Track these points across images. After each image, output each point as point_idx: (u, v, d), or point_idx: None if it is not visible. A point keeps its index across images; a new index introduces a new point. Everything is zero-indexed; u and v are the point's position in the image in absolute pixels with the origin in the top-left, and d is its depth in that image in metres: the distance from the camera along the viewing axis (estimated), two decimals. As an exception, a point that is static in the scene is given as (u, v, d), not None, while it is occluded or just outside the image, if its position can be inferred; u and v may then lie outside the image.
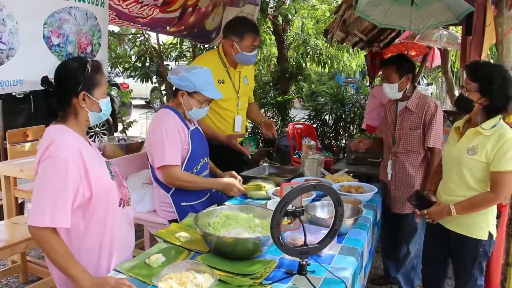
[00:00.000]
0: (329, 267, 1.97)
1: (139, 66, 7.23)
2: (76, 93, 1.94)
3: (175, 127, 2.76)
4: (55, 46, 2.87)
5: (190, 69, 2.76)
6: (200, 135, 3.00)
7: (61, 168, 1.83)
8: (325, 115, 8.52)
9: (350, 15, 5.13)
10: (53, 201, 1.81)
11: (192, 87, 2.75)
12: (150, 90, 15.29)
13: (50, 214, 1.80)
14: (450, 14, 3.95)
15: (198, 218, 2.18)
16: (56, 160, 1.84)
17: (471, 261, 2.66)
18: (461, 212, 2.55)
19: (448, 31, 7.53)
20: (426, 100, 3.25)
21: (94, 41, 3.17)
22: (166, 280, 1.70)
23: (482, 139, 2.50)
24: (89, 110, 1.99)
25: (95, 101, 1.99)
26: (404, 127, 3.29)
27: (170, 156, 2.72)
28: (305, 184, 1.79)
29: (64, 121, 1.98)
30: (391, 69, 3.22)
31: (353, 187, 3.03)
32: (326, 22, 10.38)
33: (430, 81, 17.42)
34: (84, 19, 3.04)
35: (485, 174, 2.51)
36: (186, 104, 2.81)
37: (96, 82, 1.99)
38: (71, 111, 1.98)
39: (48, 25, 2.79)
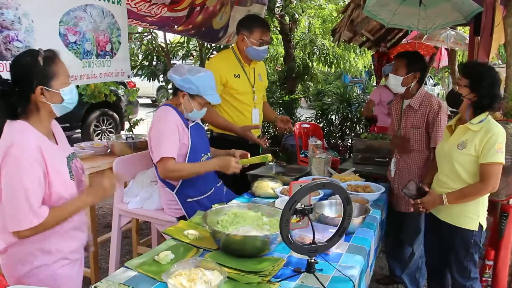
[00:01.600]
0: (337, 266, 1.98)
1: (146, 64, 7.25)
2: (33, 89, 1.87)
3: (173, 123, 2.77)
4: (72, 44, 2.90)
5: (194, 72, 2.75)
6: (200, 131, 3.00)
7: (27, 173, 1.82)
8: (331, 115, 8.52)
9: (358, 14, 5.14)
10: (29, 202, 1.82)
11: (196, 90, 2.75)
12: (157, 89, 15.32)
13: (32, 214, 1.82)
14: (458, 14, 3.95)
15: (207, 216, 2.19)
16: (20, 166, 1.81)
17: (463, 253, 2.74)
18: (452, 201, 2.66)
19: (455, 31, 7.52)
20: (430, 99, 3.23)
21: (113, 39, 3.20)
22: (175, 277, 1.71)
23: (471, 134, 2.63)
24: (51, 103, 1.92)
25: (56, 92, 1.91)
26: (407, 126, 3.30)
27: (165, 148, 2.71)
28: (314, 183, 1.80)
29: (26, 118, 1.92)
30: (401, 62, 3.23)
31: (360, 187, 3.03)
32: (333, 21, 10.39)
33: (436, 81, 17.37)
34: (100, 16, 3.06)
35: (475, 167, 2.63)
36: (187, 105, 2.81)
37: (51, 74, 1.90)
38: (32, 107, 1.92)
39: (64, 23, 2.82)
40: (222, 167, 2.81)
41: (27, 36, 2.59)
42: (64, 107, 1.97)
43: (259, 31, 3.39)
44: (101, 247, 4.09)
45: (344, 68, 12.51)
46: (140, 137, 4.27)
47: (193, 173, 2.82)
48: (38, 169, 1.85)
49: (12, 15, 2.51)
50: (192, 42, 7.55)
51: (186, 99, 2.80)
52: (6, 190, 1.83)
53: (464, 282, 2.79)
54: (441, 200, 2.68)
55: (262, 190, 2.97)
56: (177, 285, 1.67)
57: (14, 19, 2.52)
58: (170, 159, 2.73)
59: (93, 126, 8.65)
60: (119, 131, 8.92)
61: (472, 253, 2.73)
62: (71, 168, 2.03)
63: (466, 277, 2.78)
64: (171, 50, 7.12)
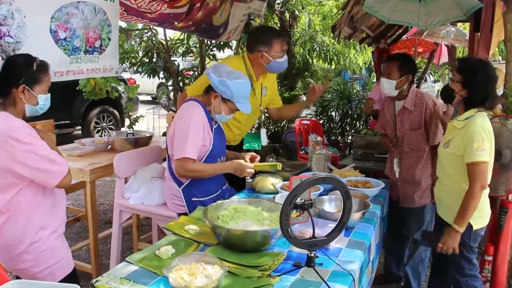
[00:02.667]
0: (336, 260, 1.99)
1: (146, 61, 7.24)
2: (17, 85, 2.12)
3: (201, 123, 2.74)
4: (62, 40, 2.90)
5: (233, 76, 2.71)
6: (222, 134, 2.99)
7: (34, 138, 2.11)
8: (331, 112, 8.51)
9: (358, 11, 5.14)
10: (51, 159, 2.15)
11: (229, 95, 2.71)
12: (157, 86, 15.30)
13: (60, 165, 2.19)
14: (458, 11, 3.95)
15: (207, 211, 2.20)
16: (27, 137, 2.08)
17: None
18: (462, 222, 2.60)
19: (456, 27, 7.51)
20: (423, 98, 3.23)
21: (103, 35, 3.20)
22: (176, 271, 1.73)
23: (456, 132, 2.66)
24: (27, 103, 2.16)
25: (34, 96, 2.17)
26: (405, 127, 3.29)
27: (189, 149, 2.68)
28: (315, 177, 1.81)
29: (4, 108, 2.13)
30: (394, 66, 3.19)
31: (360, 182, 3.04)
32: (333, 18, 10.38)
33: (437, 78, 17.36)
34: (92, 13, 3.06)
35: (460, 165, 2.62)
36: (217, 107, 2.78)
37: (38, 80, 2.17)
38: (10, 100, 2.14)
39: (56, 19, 2.82)
40: (237, 170, 2.82)
41: (18, 32, 2.59)
42: (35, 110, 2.22)
43: (278, 43, 3.21)
44: (102, 243, 4.10)
45: (344, 64, 12.50)
46: (141, 134, 4.28)
47: (208, 175, 2.82)
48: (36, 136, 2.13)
49: (5, 10, 2.51)
50: (192, 38, 7.53)
51: (217, 101, 2.76)
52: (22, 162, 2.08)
53: (459, 277, 2.82)
54: (455, 230, 2.61)
55: (262, 186, 2.98)
56: (178, 279, 1.68)
57: (7, 14, 2.52)
58: (191, 160, 2.71)
59: (93, 123, 8.65)
60: (120, 128, 8.93)
61: (463, 251, 2.71)
62: None
63: (460, 274, 2.80)
64: (171, 47, 7.12)
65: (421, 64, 10.79)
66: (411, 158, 3.31)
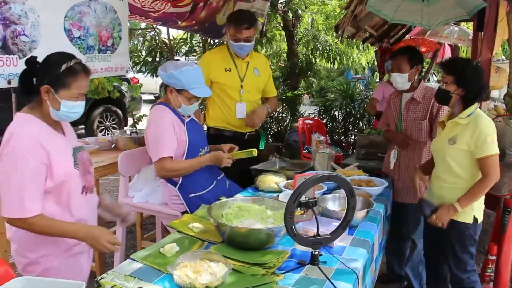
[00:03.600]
0: (340, 258, 1.99)
1: (149, 61, 7.27)
2: (42, 84, 1.98)
3: (169, 122, 2.81)
4: (76, 39, 2.93)
5: (178, 67, 2.78)
6: (197, 126, 3.05)
7: (22, 163, 1.90)
8: (334, 111, 8.51)
9: (361, 10, 5.14)
10: (20, 194, 1.90)
11: (180, 84, 2.77)
12: (160, 85, 15.28)
13: (18, 206, 1.90)
14: (462, 10, 3.95)
15: (211, 209, 2.21)
16: (16, 156, 1.90)
17: (458, 246, 2.77)
18: (465, 205, 2.65)
19: (459, 27, 7.49)
20: (433, 91, 3.26)
21: (114, 34, 3.22)
22: (181, 268, 1.74)
23: (461, 129, 2.68)
24: (50, 105, 2.00)
25: (57, 100, 1.98)
26: (410, 118, 3.34)
27: (162, 149, 2.78)
28: (319, 175, 1.82)
29: (31, 107, 2.04)
30: (403, 59, 3.26)
31: (364, 181, 3.05)
32: (336, 17, 10.37)
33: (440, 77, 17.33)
34: (103, 12, 3.08)
35: (468, 160, 2.67)
36: (175, 101, 2.83)
37: (64, 83, 1.98)
38: (39, 98, 2.02)
39: (69, 18, 2.85)
40: (215, 162, 2.94)
41: (33, 31, 2.61)
42: (58, 115, 2.03)
43: (232, 27, 3.38)
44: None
45: (347, 64, 12.49)
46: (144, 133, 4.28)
47: (189, 170, 2.88)
48: (34, 160, 1.93)
49: (19, 9, 2.54)
50: (195, 38, 7.55)
51: (173, 95, 2.82)
52: (3, 178, 1.93)
53: (460, 274, 2.81)
54: (454, 208, 2.65)
55: (266, 184, 2.99)
56: (183, 276, 1.69)
57: (21, 13, 2.55)
58: (168, 158, 2.79)
59: (96, 122, 8.68)
60: (123, 127, 8.95)
61: (467, 245, 2.76)
62: (77, 158, 2.12)
63: (462, 270, 2.81)
64: (174, 46, 7.14)
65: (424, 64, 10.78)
66: (411, 150, 3.35)
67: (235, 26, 3.37)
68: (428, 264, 3.21)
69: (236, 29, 3.36)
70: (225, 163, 2.94)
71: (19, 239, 2.06)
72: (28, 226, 1.94)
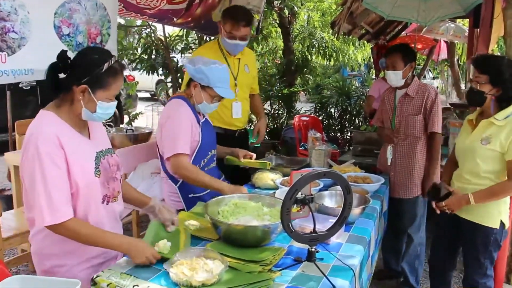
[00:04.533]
0: (337, 255, 1.99)
1: (145, 58, 7.22)
2: (79, 83, 1.85)
3: (187, 119, 2.75)
4: (65, 36, 2.90)
5: (208, 63, 2.74)
6: (210, 127, 3.00)
7: (46, 165, 1.80)
8: (330, 108, 8.52)
9: (357, 7, 5.14)
10: (49, 199, 1.79)
11: (206, 81, 2.72)
12: (156, 83, 15.28)
13: (50, 212, 1.80)
14: (458, 7, 3.96)
15: (208, 207, 2.20)
16: (40, 156, 1.79)
17: (482, 250, 2.68)
18: (479, 201, 2.58)
19: (455, 24, 7.51)
20: (426, 86, 3.36)
21: (103, 31, 3.20)
22: (177, 266, 1.73)
23: (496, 129, 2.57)
24: (84, 106, 1.88)
25: (94, 101, 1.87)
26: (404, 114, 3.36)
27: (181, 145, 2.70)
28: (315, 172, 1.82)
29: (57, 106, 1.92)
30: (397, 57, 3.29)
31: (360, 178, 3.05)
32: (332, 14, 10.37)
33: (436, 74, 17.36)
34: (94, 9, 3.06)
35: (498, 163, 2.57)
36: (197, 96, 2.79)
37: (104, 84, 1.88)
38: (68, 97, 1.90)
39: (59, 15, 2.82)
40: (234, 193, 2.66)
41: (22, 28, 2.59)
42: (91, 117, 1.93)
43: (229, 24, 3.29)
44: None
45: (343, 61, 12.49)
46: (140, 130, 4.28)
47: (199, 184, 2.76)
48: (59, 160, 1.83)
49: (8, 6, 2.51)
50: (191, 35, 7.52)
51: (197, 90, 2.77)
52: (30, 185, 1.83)
53: (478, 279, 2.73)
54: (467, 200, 2.59)
55: (262, 182, 2.99)
56: (179, 274, 1.68)
57: (10, 10, 2.52)
58: (185, 155, 2.72)
59: (92, 119, 8.62)
60: (119, 125, 8.92)
61: (491, 250, 2.69)
62: (99, 164, 1.98)
63: (481, 274, 2.73)
64: (170, 44, 7.10)
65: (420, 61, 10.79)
66: (406, 145, 3.37)
67: (233, 22, 3.29)
68: (433, 270, 3.12)
69: (233, 25, 3.28)
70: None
71: (36, 244, 1.97)
72: (69, 233, 1.84)
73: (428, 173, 3.33)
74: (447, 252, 2.95)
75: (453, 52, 8.64)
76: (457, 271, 3.54)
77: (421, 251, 3.51)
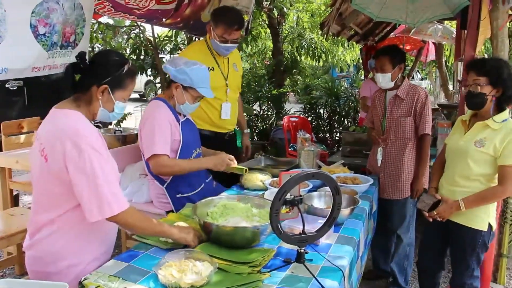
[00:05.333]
0: (326, 256, 1.99)
1: (133, 58, 7.20)
2: (99, 83, 1.91)
3: (165, 119, 2.75)
4: (41, 36, 2.86)
5: (189, 64, 2.74)
6: (191, 126, 2.99)
7: (102, 158, 1.85)
8: (319, 109, 8.54)
9: (346, 8, 5.16)
10: (111, 189, 1.84)
11: (189, 82, 2.73)
12: (145, 83, 15.24)
13: (116, 201, 1.84)
14: (446, 8, 3.99)
15: (196, 208, 2.19)
16: (95, 151, 1.83)
17: (469, 251, 2.70)
18: (469, 206, 2.60)
19: (443, 25, 7.57)
20: (416, 88, 3.35)
21: (77, 30, 3.17)
22: (166, 268, 1.72)
23: (491, 133, 2.57)
24: (102, 106, 1.95)
25: (112, 101, 1.96)
26: (394, 115, 3.36)
27: (159, 146, 2.69)
28: (304, 173, 1.81)
29: (78, 105, 1.94)
30: (385, 59, 3.28)
31: (349, 178, 3.05)
32: (321, 15, 10.40)
33: (424, 75, 17.48)
34: (71, 9, 3.03)
35: (490, 167, 2.58)
36: (179, 97, 2.79)
37: (123, 84, 1.97)
38: (86, 97, 1.94)
39: (36, 14, 2.78)
40: (217, 165, 2.82)
41: None
42: (107, 116, 2.00)
43: (221, 28, 3.26)
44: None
45: (332, 62, 12.54)
46: (129, 131, 4.25)
47: (186, 170, 2.80)
48: (105, 154, 1.89)
49: None
50: (180, 36, 7.51)
51: (179, 91, 2.77)
52: (89, 178, 1.81)
53: (465, 280, 2.75)
54: (458, 206, 2.60)
55: (251, 183, 2.98)
56: (168, 276, 1.67)
57: None
58: (164, 156, 2.71)
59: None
60: (107, 126, 8.86)
61: (478, 252, 2.70)
62: None
63: (468, 275, 2.75)
64: (159, 44, 7.09)
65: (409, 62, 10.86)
66: (396, 147, 3.37)
67: (225, 27, 3.25)
68: (421, 270, 3.12)
69: (225, 30, 3.25)
70: (227, 165, 2.82)
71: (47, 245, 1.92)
72: (131, 219, 1.90)
73: (417, 175, 3.34)
74: (436, 253, 2.96)
75: (441, 53, 8.72)
76: (446, 271, 3.55)
77: (410, 251, 3.53)
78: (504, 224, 3.61)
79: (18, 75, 2.76)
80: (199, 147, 3.01)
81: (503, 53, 3.37)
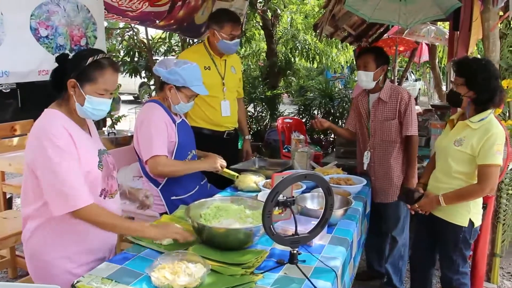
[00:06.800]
0: (319, 257, 2.00)
1: (127, 60, 7.19)
2: (68, 77, 1.94)
3: (161, 120, 2.76)
4: (44, 38, 2.87)
5: (179, 64, 2.75)
6: (187, 128, 3.00)
7: (64, 154, 1.88)
8: (314, 110, 8.55)
9: (339, 9, 5.18)
10: (71, 186, 1.88)
11: (182, 81, 2.74)
12: (139, 85, 15.19)
13: (74, 198, 1.88)
14: (438, 10, 4.00)
15: (190, 210, 2.19)
16: (57, 148, 1.87)
17: (452, 247, 2.75)
18: (449, 202, 2.65)
19: (436, 26, 7.61)
20: (399, 90, 3.33)
21: (88, 33, 3.18)
22: (159, 270, 1.72)
23: (469, 132, 2.60)
24: (76, 100, 1.96)
25: (82, 94, 1.94)
26: (378, 119, 3.34)
27: (157, 147, 2.71)
28: (296, 174, 1.82)
29: (59, 104, 2.00)
30: (369, 57, 3.27)
31: (343, 179, 3.06)
32: (315, 17, 10.43)
33: (418, 76, 17.55)
34: (74, 11, 3.03)
35: (468, 165, 2.62)
36: (174, 98, 2.80)
37: (90, 77, 1.94)
38: (66, 94, 1.98)
39: (36, 17, 2.79)
40: (211, 167, 2.87)
41: None
42: (83, 111, 1.99)
43: (229, 26, 3.39)
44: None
45: (326, 63, 12.55)
46: (123, 133, 4.24)
47: (183, 171, 2.82)
48: (71, 150, 1.91)
49: None
50: (174, 37, 7.50)
51: (173, 92, 2.78)
52: (49, 174, 1.87)
53: (452, 275, 2.79)
54: (438, 201, 2.66)
55: (245, 184, 2.98)
56: (161, 278, 1.67)
57: None
58: (162, 156, 2.72)
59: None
60: (101, 128, 8.83)
61: (461, 248, 2.73)
62: (102, 159, 2.08)
63: (454, 271, 2.79)
64: (153, 46, 7.08)
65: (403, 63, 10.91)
66: (383, 150, 3.36)
67: (232, 24, 3.40)
68: (414, 267, 3.16)
69: (233, 27, 3.40)
70: (219, 167, 2.88)
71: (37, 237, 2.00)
72: (92, 217, 1.93)
73: (407, 177, 3.31)
74: (426, 249, 2.99)
75: (434, 54, 8.77)
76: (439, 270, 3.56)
77: (405, 251, 3.54)
78: (497, 224, 3.63)
79: (23, 79, 2.77)
80: (195, 149, 3.02)
81: (494, 54, 3.39)
